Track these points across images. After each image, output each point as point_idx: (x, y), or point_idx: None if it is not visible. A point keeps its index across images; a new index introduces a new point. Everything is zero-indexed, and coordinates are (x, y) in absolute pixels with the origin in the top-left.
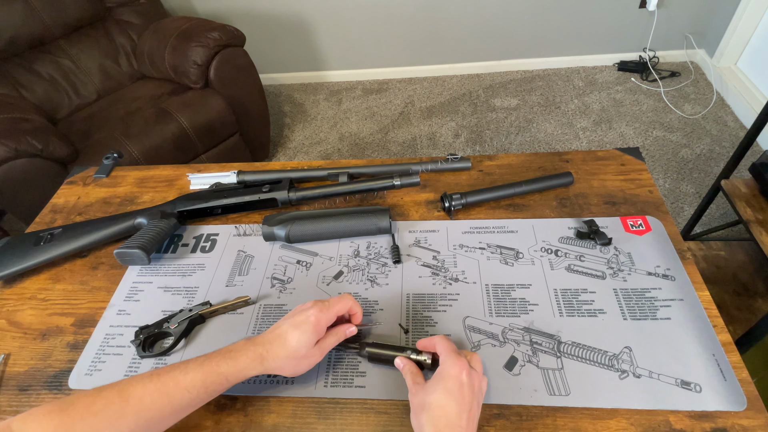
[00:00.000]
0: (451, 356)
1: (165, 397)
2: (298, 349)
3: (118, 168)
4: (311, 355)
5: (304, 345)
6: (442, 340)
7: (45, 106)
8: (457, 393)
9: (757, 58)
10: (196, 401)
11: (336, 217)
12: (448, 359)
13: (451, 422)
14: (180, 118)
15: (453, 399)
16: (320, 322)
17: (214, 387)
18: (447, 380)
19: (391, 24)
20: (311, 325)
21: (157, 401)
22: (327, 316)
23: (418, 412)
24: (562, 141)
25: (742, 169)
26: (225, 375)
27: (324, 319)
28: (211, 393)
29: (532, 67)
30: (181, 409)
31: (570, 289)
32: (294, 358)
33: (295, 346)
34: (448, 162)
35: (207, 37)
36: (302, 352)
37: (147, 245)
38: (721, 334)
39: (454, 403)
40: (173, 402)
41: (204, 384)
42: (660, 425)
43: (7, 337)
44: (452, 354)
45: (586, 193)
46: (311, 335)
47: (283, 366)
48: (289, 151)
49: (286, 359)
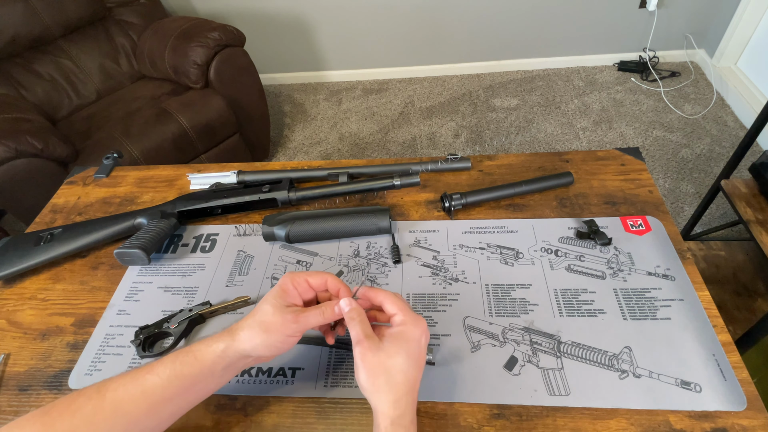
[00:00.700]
0: (411, 316)
1: (138, 387)
2: (266, 314)
3: (118, 168)
4: (285, 328)
5: (272, 311)
6: (392, 296)
7: (45, 106)
8: (417, 357)
9: (757, 58)
10: (166, 388)
11: (336, 217)
12: (410, 320)
13: (411, 388)
14: (180, 118)
15: (414, 364)
16: (287, 285)
17: (182, 369)
18: (410, 343)
19: (391, 24)
20: (278, 288)
21: (130, 392)
22: (297, 279)
23: (374, 373)
24: (562, 141)
25: (742, 169)
26: (193, 352)
27: (293, 282)
28: (180, 376)
29: (532, 67)
30: (156, 401)
31: (570, 289)
32: (265, 330)
33: (262, 310)
34: (448, 162)
35: (207, 37)
36: (271, 319)
37: (147, 245)
38: (721, 334)
39: (414, 368)
40: (146, 391)
41: (173, 366)
42: (660, 425)
43: (7, 337)
44: (411, 313)
45: (586, 193)
46: (278, 298)
47: (253, 337)
48: (289, 151)
49: (256, 329)
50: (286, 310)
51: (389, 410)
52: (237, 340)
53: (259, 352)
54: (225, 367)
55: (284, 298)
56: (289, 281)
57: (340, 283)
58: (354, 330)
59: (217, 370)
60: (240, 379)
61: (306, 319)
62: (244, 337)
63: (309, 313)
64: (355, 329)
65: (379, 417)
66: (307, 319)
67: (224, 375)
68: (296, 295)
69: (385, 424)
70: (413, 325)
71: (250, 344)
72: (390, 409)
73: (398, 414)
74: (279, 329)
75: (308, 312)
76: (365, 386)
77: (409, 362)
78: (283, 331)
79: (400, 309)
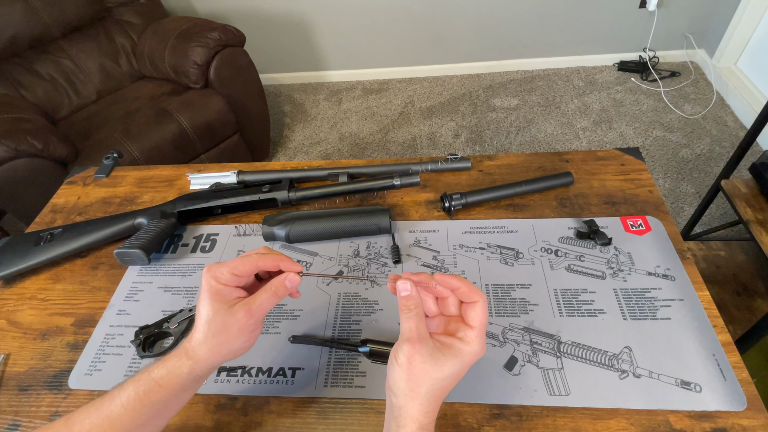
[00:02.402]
0: (483, 338)
1: (105, 418)
2: (216, 326)
3: (118, 168)
4: (243, 328)
5: (221, 320)
6: (482, 306)
7: (45, 106)
8: (463, 373)
9: (757, 58)
10: (135, 418)
11: (336, 217)
12: (478, 340)
13: (441, 396)
14: (180, 118)
15: (457, 378)
16: (215, 286)
17: (149, 397)
18: (464, 361)
19: (391, 24)
20: (208, 293)
21: (96, 423)
22: (219, 276)
23: (416, 380)
24: (562, 141)
25: (742, 169)
26: (156, 380)
27: (214, 275)
28: (148, 404)
29: (532, 67)
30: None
31: (570, 289)
32: (214, 334)
33: (203, 319)
34: (448, 162)
35: (207, 37)
36: (224, 328)
37: (147, 245)
38: (721, 334)
39: (454, 382)
40: (113, 422)
41: (137, 395)
42: (660, 425)
43: (7, 337)
44: (483, 333)
45: (586, 193)
46: (218, 303)
47: (215, 351)
48: (289, 151)
49: (213, 343)
50: (234, 309)
51: (420, 417)
52: (199, 360)
53: (230, 358)
54: (197, 380)
55: (224, 300)
56: (213, 280)
57: (277, 257)
58: (407, 324)
59: (189, 387)
60: (240, 379)
61: (260, 307)
62: (204, 354)
63: (261, 300)
64: (408, 323)
65: (406, 420)
66: (262, 307)
67: (199, 383)
68: (231, 289)
69: (413, 428)
70: (479, 349)
71: (216, 358)
72: (421, 416)
73: (428, 421)
74: (238, 332)
75: (259, 299)
76: (402, 388)
77: (456, 377)
78: (243, 331)
79: (480, 324)
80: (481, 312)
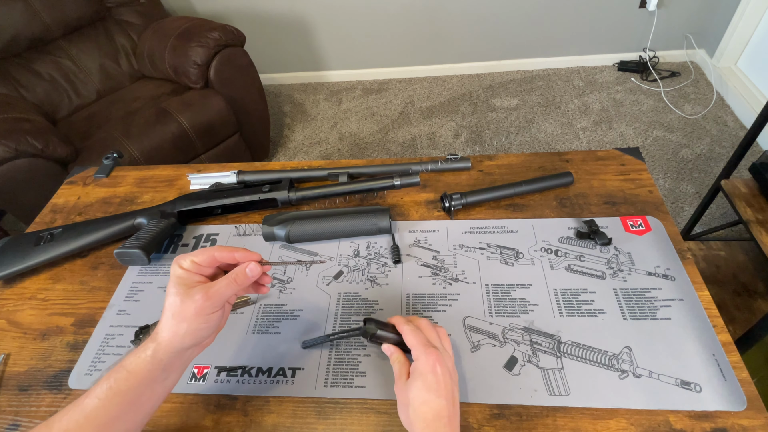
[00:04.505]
0: (421, 350)
1: (80, 413)
2: (175, 305)
3: (118, 168)
4: (201, 309)
5: (179, 300)
6: (409, 333)
7: (45, 106)
8: (435, 385)
9: (757, 58)
10: (109, 409)
11: (336, 217)
12: (421, 355)
13: (438, 414)
14: (180, 118)
15: (433, 392)
16: (178, 271)
17: (119, 385)
18: (425, 376)
19: (391, 24)
20: (173, 277)
21: (74, 418)
22: (183, 263)
23: (404, 407)
24: (562, 141)
25: (742, 169)
26: (125, 367)
27: (178, 262)
28: (119, 393)
29: (532, 67)
30: (102, 423)
31: (570, 289)
32: (182, 319)
33: (170, 303)
34: (448, 162)
35: (207, 37)
36: (181, 307)
37: (147, 245)
38: (721, 334)
39: (434, 395)
40: (89, 416)
41: (109, 385)
42: (660, 425)
43: (7, 337)
44: (422, 348)
45: (586, 193)
46: (179, 286)
47: (174, 331)
48: (289, 151)
49: (172, 323)
50: (192, 291)
51: None
52: (160, 341)
53: (189, 341)
54: (164, 369)
55: (185, 284)
56: (177, 266)
57: (234, 249)
58: (395, 370)
59: (157, 376)
60: (240, 379)
61: (217, 292)
62: (165, 335)
63: (219, 285)
64: (395, 369)
65: None
66: (219, 292)
67: (169, 376)
68: (192, 274)
69: None
70: (424, 360)
71: (175, 339)
72: None
73: None
74: (195, 313)
75: (217, 284)
76: (402, 419)
77: (427, 392)
78: (200, 313)
79: (413, 344)
80: (406, 336)
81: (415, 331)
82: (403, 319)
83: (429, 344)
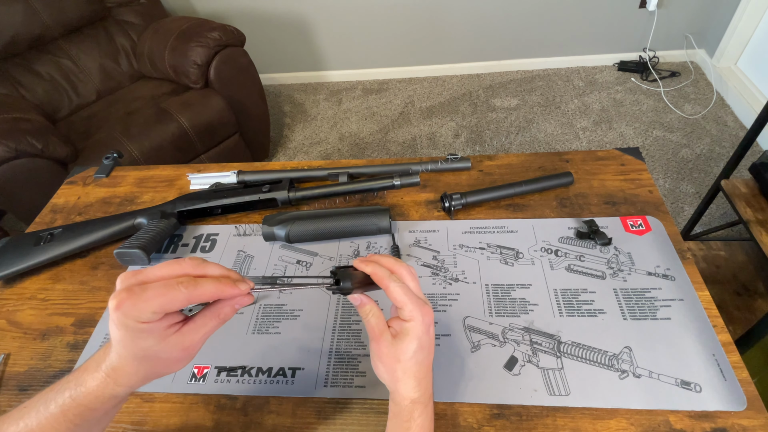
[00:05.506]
0: (417, 311)
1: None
2: (139, 358)
3: (118, 168)
4: (169, 356)
5: (135, 352)
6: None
7: (45, 106)
8: (428, 343)
9: (757, 58)
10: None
11: (336, 217)
12: (417, 315)
13: (427, 371)
14: (180, 118)
15: (426, 350)
16: (127, 324)
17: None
18: (421, 337)
19: (391, 24)
20: (122, 328)
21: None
22: (138, 308)
23: (391, 366)
24: (562, 141)
25: (742, 169)
26: (74, 398)
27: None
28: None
29: (532, 67)
30: None
31: (570, 289)
32: (145, 369)
33: (129, 355)
34: (448, 162)
35: (207, 37)
36: (146, 358)
37: (147, 245)
38: (721, 334)
39: (426, 353)
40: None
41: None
42: (660, 425)
43: (7, 337)
44: (416, 308)
45: (586, 193)
46: (133, 339)
47: (139, 378)
48: (289, 151)
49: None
50: (168, 343)
51: (410, 392)
52: (124, 385)
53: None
54: (114, 407)
55: (150, 337)
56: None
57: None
58: (368, 325)
59: (109, 413)
60: (240, 379)
61: (201, 341)
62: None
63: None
64: (369, 324)
65: (399, 398)
66: (202, 340)
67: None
68: (157, 324)
69: (405, 403)
70: (420, 321)
71: (141, 384)
72: (410, 392)
73: (419, 394)
74: (174, 362)
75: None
76: (385, 377)
77: (421, 351)
78: (179, 361)
79: (404, 303)
80: (395, 293)
81: (402, 287)
82: (380, 270)
83: (420, 301)
